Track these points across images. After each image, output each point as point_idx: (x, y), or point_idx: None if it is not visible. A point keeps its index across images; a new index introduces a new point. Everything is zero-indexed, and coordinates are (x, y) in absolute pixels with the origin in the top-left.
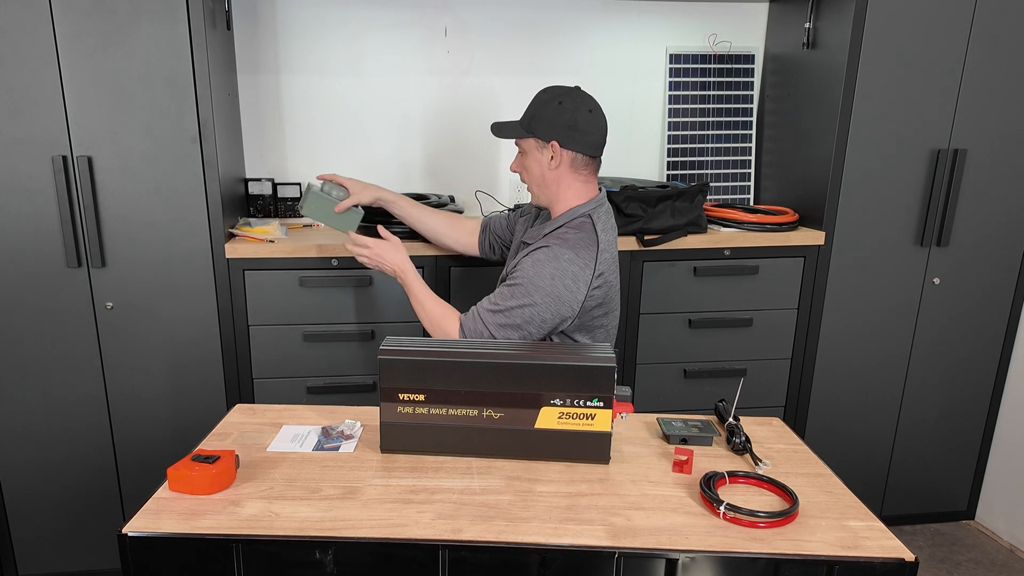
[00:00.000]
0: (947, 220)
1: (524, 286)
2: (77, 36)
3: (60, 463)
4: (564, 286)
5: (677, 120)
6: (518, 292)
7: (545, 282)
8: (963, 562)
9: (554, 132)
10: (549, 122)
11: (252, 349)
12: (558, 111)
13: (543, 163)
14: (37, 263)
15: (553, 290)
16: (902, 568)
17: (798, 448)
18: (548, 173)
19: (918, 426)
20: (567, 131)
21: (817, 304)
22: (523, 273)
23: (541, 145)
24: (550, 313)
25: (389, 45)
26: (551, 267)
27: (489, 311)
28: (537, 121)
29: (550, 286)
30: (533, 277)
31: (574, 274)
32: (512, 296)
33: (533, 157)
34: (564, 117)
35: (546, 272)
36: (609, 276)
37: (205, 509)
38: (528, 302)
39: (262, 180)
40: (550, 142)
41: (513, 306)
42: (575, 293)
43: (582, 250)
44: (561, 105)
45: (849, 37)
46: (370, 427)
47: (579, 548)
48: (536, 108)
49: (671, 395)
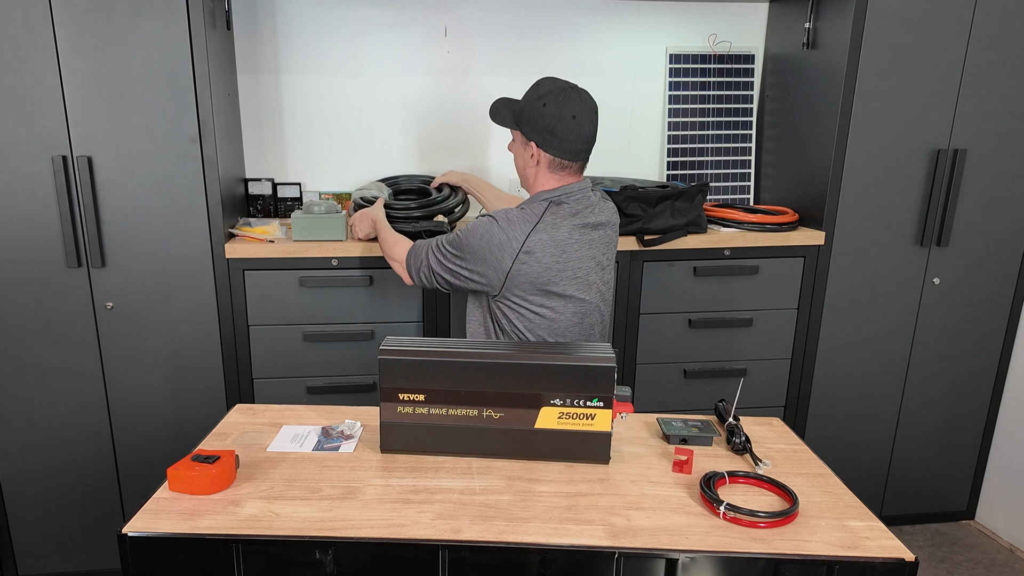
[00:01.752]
0: (947, 220)
1: (462, 241)
2: (77, 36)
3: (60, 463)
4: (489, 251)
5: (677, 120)
6: (456, 244)
7: (475, 242)
8: (963, 562)
9: (535, 133)
10: (531, 122)
11: (252, 349)
12: (540, 113)
13: (525, 157)
14: (37, 263)
15: (480, 251)
16: (902, 568)
17: (798, 448)
18: (528, 168)
19: (918, 426)
20: (546, 135)
21: (817, 304)
22: (464, 231)
23: (524, 141)
24: (477, 274)
25: (389, 45)
26: (483, 229)
27: (435, 251)
28: (523, 117)
29: (478, 246)
30: (468, 236)
31: (500, 243)
32: (451, 245)
33: (517, 148)
34: (544, 121)
35: (478, 233)
36: (544, 259)
37: (205, 509)
38: (460, 255)
39: (262, 180)
40: (531, 141)
41: (451, 253)
42: (500, 261)
43: (516, 224)
44: (544, 107)
45: (849, 37)
46: (370, 427)
47: (579, 548)
48: (525, 104)
49: (671, 395)
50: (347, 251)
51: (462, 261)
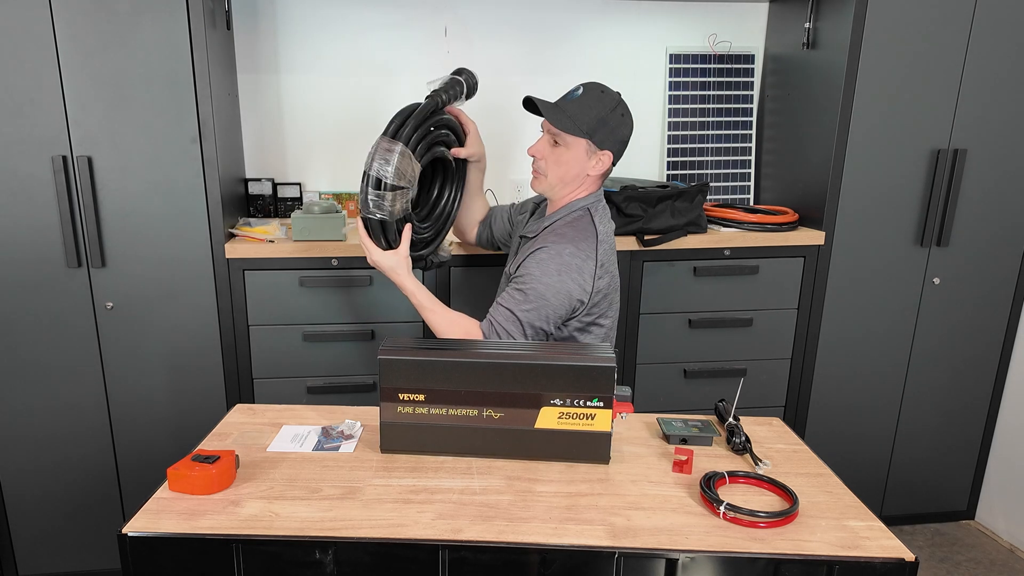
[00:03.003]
0: (947, 220)
1: (534, 288)
2: (77, 36)
3: (60, 463)
4: (571, 279)
5: (677, 120)
6: (531, 295)
7: (552, 279)
8: (963, 562)
9: (613, 143)
10: (611, 132)
11: (252, 349)
12: (620, 123)
13: (585, 165)
14: (37, 263)
15: (562, 286)
16: (902, 568)
17: (798, 448)
18: (580, 175)
19: (918, 426)
20: (620, 145)
21: (817, 304)
22: (530, 275)
23: (592, 149)
24: (564, 308)
25: (389, 45)
26: (555, 264)
27: (507, 320)
28: (602, 127)
29: (558, 282)
30: (540, 276)
31: (578, 267)
32: (525, 300)
33: (575, 155)
34: (624, 131)
35: (551, 269)
36: (610, 267)
37: (205, 509)
38: (541, 303)
39: (262, 180)
40: (604, 151)
41: (528, 309)
42: (583, 284)
43: (581, 243)
44: (623, 117)
45: (849, 37)
46: (370, 427)
47: (579, 548)
48: (602, 112)
49: (671, 395)
50: (347, 251)
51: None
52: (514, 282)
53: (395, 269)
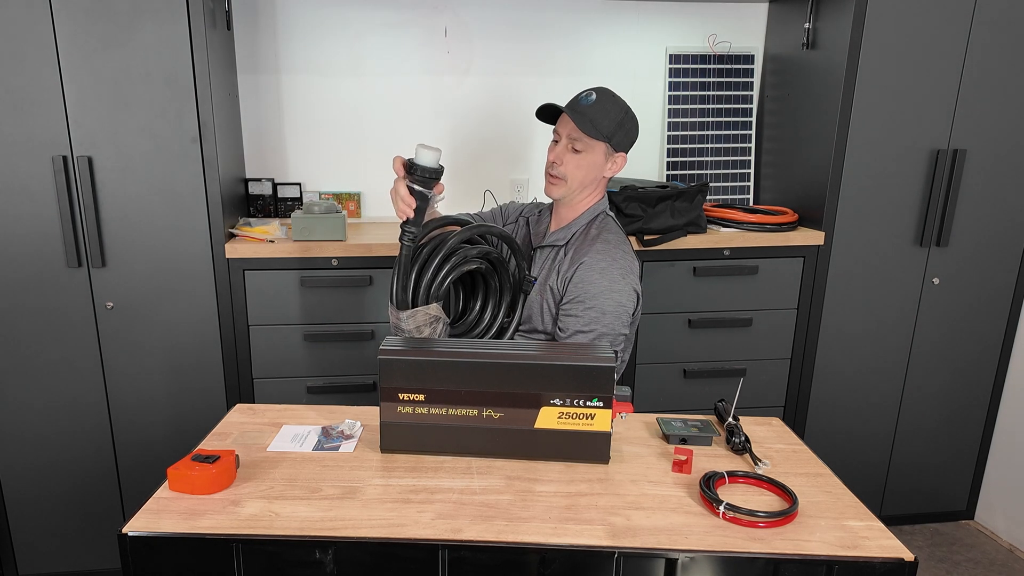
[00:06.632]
0: (947, 220)
1: (606, 296)
2: (77, 36)
3: (60, 463)
4: (636, 278)
5: (677, 120)
6: (607, 307)
7: (619, 284)
8: (962, 562)
9: (626, 146)
10: (626, 135)
11: (252, 349)
12: (633, 126)
13: (603, 168)
14: (37, 263)
15: (631, 284)
16: (901, 568)
17: (797, 448)
18: (596, 178)
19: (918, 426)
20: (631, 147)
21: (817, 304)
22: (596, 288)
23: (610, 152)
24: (635, 306)
25: (389, 45)
26: (618, 268)
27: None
28: (620, 130)
29: (626, 283)
30: (611, 285)
31: (631, 267)
32: (604, 314)
33: (595, 160)
34: (635, 133)
35: (616, 274)
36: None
37: (205, 509)
38: (620, 310)
39: (262, 180)
40: (619, 153)
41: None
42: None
43: (624, 243)
44: (633, 120)
45: (849, 37)
46: (370, 427)
47: (579, 548)
48: (619, 116)
49: (671, 395)
50: (347, 251)
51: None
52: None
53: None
